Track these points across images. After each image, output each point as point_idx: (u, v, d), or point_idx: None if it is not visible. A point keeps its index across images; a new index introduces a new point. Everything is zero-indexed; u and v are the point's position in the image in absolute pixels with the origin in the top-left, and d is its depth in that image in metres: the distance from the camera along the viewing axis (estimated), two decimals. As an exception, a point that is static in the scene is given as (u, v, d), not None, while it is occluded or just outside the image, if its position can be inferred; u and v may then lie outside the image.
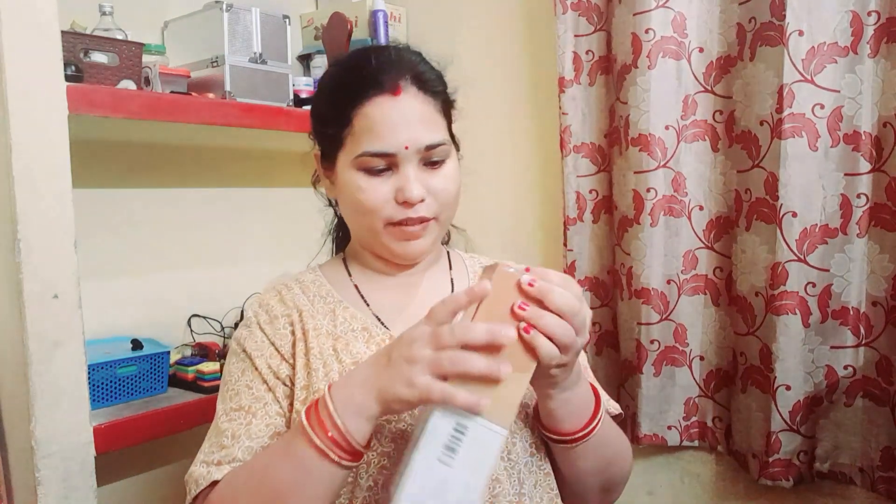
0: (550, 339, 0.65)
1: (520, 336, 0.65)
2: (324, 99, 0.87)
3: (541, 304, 0.66)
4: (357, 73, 0.82)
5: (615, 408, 0.93)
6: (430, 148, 0.81)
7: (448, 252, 0.98)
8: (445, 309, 0.66)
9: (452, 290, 0.92)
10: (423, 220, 0.82)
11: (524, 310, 0.65)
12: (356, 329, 0.86)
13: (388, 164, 0.81)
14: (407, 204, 0.80)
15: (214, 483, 0.77)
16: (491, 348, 0.64)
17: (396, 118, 0.79)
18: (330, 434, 0.67)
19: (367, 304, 0.89)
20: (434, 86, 0.83)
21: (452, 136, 0.87)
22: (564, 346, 0.66)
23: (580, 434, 0.77)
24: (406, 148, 0.79)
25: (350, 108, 0.80)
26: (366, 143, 0.80)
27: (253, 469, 0.75)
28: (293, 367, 0.84)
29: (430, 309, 0.68)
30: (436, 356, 0.64)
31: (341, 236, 1.01)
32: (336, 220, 1.01)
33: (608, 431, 0.83)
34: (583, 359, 0.95)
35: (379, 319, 0.87)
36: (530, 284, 0.65)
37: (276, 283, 0.93)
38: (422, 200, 0.81)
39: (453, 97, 0.88)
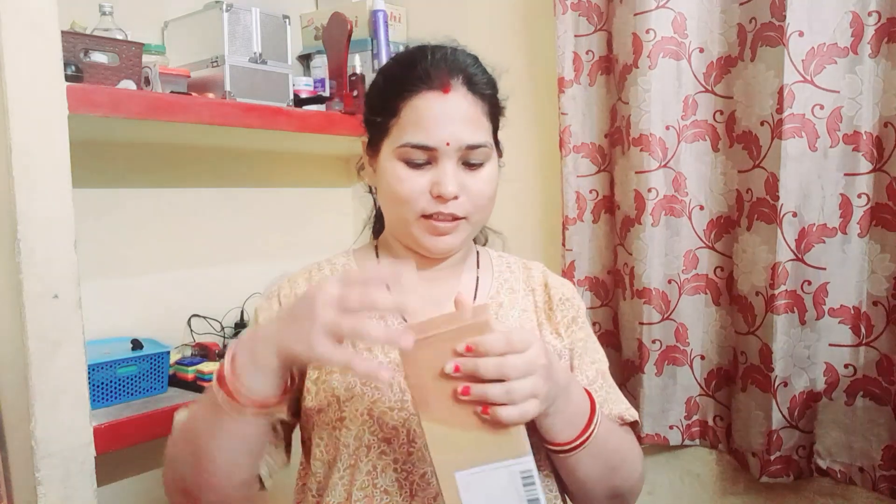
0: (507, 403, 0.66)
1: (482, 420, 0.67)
2: (377, 89, 0.89)
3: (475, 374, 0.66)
4: (411, 67, 0.84)
5: (632, 415, 0.91)
6: (470, 148, 0.83)
7: (478, 251, 0.99)
8: (362, 279, 0.66)
9: (477, 288, 0.94)
10: (455, 218, 0.84)
11: (468, 394, 0.66)
12: (373, 315, 0.87)
13: (428, 157, 0.82)
14: (441, 199, 0.82)
15: None
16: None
17: (442, 114, 0.81)
18: (228, 387, 0.70)
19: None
20: (483, 89, 0.85)
21: (496, 141, 0.88)
22: (527, 396, 0.67)
23: (576, 443, 0.77)
24: (447, 144, 0.81)
25: (399, 100, 0.83)
26: (409, 134, 0.82)
27: (188, 419, 0.79)
28: None
29: (347, 271, 0.68)
30: (336, 320, 0.64)
31: (378, 226, 1.02)
32: (375, 209, 1.02)
33: (611, 437, 0.82)
34: (604, 364, 0.94)
35: None
36: (464, 355, 0.66)
37: (309, 264, 0.95)
38: (455, 198, 0.82)
39: (503, 104, 0.90)
